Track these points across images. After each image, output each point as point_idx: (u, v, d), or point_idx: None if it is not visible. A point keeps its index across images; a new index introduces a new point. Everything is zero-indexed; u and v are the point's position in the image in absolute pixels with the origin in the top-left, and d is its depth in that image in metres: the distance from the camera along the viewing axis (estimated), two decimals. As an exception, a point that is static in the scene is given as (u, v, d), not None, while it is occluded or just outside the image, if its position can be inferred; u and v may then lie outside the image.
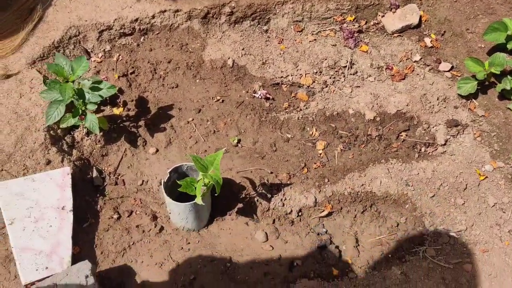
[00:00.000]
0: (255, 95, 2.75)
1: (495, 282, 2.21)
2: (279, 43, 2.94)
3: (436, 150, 2.61)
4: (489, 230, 2.37)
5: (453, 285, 2.20)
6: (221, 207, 2.43)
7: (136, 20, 2.81)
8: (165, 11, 2.85)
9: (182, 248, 2.30)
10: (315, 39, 2.95)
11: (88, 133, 2.49)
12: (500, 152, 2.58)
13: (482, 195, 2.46)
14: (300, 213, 2.44)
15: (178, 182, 2.02)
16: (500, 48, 2.70)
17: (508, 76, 2.61)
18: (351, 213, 2.47)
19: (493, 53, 2.63)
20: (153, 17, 2.84)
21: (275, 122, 2.69)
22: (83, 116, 2.35)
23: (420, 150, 2.61)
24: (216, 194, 2.07)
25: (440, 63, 2.86)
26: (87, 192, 2.38)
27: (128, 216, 2.36)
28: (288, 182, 2.49)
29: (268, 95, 2.75)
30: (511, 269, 2.25)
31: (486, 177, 2.51)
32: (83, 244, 2.22)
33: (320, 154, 2.61)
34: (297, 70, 2.85)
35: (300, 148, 2.63)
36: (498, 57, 2.56)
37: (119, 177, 2.48)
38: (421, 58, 2.88)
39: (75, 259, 2.12)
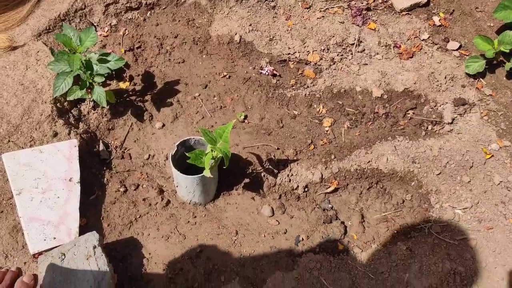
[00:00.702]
0: (262, 71, 2.74)
1: (499, 258, 2.23)
2: (286, 20, 2.92)
3: (443, 128, 2.60)
4: (494, 208, 2.38)
5: (457, 260, 2.22)
6: (228, 182, 2.43)
7: (144, -6, 2.79)
8: (172, -15, 2.82)
9: (188, 221, 2.31)
10: (323, 16, 2.93)
11: (95, 106, 2.48)
12: (507, 131, 2.58)
13: (488, 173, 2.47)
14: (306, 189, 2.44)
15: (187, 154, 2.02)
16: (509, 26, 2.68)
17: (517, 55, 2.60)
18: (357, 189, 2.47)
19: (502, 32, 2.61)
20: (160, -9, 2.81)
21: (282, 98, 2.69)
22: (90, 89, 2.34)
23: (427, 128, 2.61)
24: (224, 167, 2.07)
25: (448, 42, 2.84)
26: (94, 165, 2.38)
27: (135, 190, 2.37)
28: (295, 158, 2.49)
29: (275, 72, 2.74)
30: (515, 246, 2.27)
31: (492, 155, 2.51)
32: (90, 216, 2.23)
33: (327, 131, 2.61)
34: (305, 47, 2.83)
35: (307, 125, 2.63)
36: (508, 35, 2.54)
37: (125, 151, 2.48)
38: (429, 37, 2.86)
39: (82, 230, 2.13)
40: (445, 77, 2.70)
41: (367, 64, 2.77)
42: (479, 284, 2.16)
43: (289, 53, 2.81)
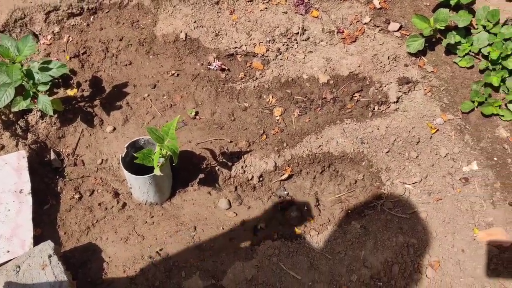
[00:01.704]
0: (210, 67, 2.76)
1: (449, 226, 2.32)
2: (230, 14, 2.95)
3: (389, 107, 2.68)
4: (442, 180, 2.47)
5: (410, 233, 2.30)
6: (183, 179, 2.45)
7: (83, -1, 2.77)
8: (112, -12, 2.81)
9: (146, 222, 2.32)
10: (266, 8, 2.97)
11: (43, 116, 2.46)
12: (450, 105, 2.68)
13: (434, 147, 2.56)
14: (261, 178, 2.49)
15: (135, 154, 2.03)
16: (444, 4, 2.77)
17: (453, 31, 2.70)
18: (311, 174, 2.53)
19: (437, 10, 2.70)
20: (101, -5, 2.79)
21: (231, 92, 2.72)
22: (35, 99, 2.32)
23: (374, 108, 2.69)
24: (173, 164, 2.09)
25: (389, 23, 2.92)
26: (46, 175, 2.36)
27: (90, 195, 2.37)
28: (248, 150, 2.53)
29: (223, 66, 2.77)
30: (462, 214, 2.36)
31: (438, 129, 2.60)
32: (45, 226, 2.22)
33: (278, 120, 2.66)
34: (251, 39, 2.86)
35: (258, 116, 2.67)
36: (442, 13, 2.63)
37: (78, 157, 2.47)
38: (370, 20, 2.93)
39: (38, 241, 2.11)
40: (388, 58, 2.78)
41: (312, 51, 2.83)
42: (431, 253, 2.25)
43: (236, 47, 2.84)
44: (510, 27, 2.60)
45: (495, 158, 2.52)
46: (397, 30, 2.90)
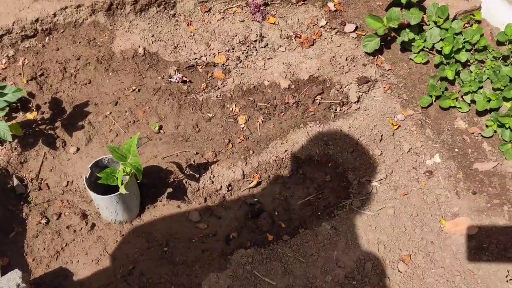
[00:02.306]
0: (171, 79, 2.75)
1: (417, 220, 2.38)
2: (188, 26, 2.95)
3: (350, 108, 2.73)
4: (407, 174, 2.53)
5: (379, 230, 2.34)
6: (151, 194, 2.44)
7: (37, 20, 2.72)
8: (66, 7, 2.77)
9: (116, 241, 2.29)
10: (223, 17, 2.98)
11: (1, 142, 2.41)
12: (409, 101, 2.75)
13: (397, 143, 2.61)
14: (230, 188, 2.49)
15: (98, 175, 2.01)
16: (395, 3, 2.84)
17: (406, 29, 2.77)
18: (279, 179, 2.55)
19: (389, 9, 2.77)
20: (55, 15, 2.75)
21: (194, 103, 2.72)
22: (-8, 125, 2.27)
23: (336, 110, 2.73)
24: (138, 181, 2.07)
25: (345, 25, 2.98)
26: (10, 202, 2.31)
27: (57, 219, 2.32)
28: (215, 160, 2.53)
29: (184, 78, 2.77)
30: (429, 206, 2.42)
31: (399, 126, 2.66)
32: (12, 255, 2.17)
33: (243, 128, 2.67)
34: (210, 50, 2.87)
35: (222, 125, 2.67)
36: (394, 12, 2.70)
37: (42, 181, 2.43)
38: (327, 23, 2.98)
39: (6, 270, 2.06)
40: (346, 59, 2.83)
41: (271, 58, 2.86)
42: (402, 248, 2.29)
43: (195, 58, 2.84)
44: (460, 22, 2.69)
45: (456, 149, 2.59)
46: (353, 31, 2.95)
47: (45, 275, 2.17)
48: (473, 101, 2.63)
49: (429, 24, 2.77)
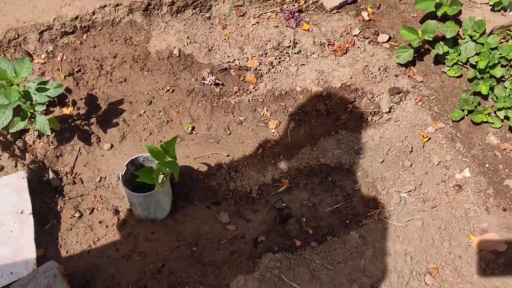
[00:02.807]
0: (205, 82, 2.79)
1: (445, 233, 2.38)
2: (223, 29, 2.99)
3: (381, 117, 2.74)
4: (436, 187, 2.53)
5: (407, 241, 2.35)
6: (182, 194, 2.48)
7: (77, 17, 2.78)
8: (105, 6, 2.83)
9: (147, 238, 2.33)
10: (257, 22, 3.01)
11: (40, 135, 2.47)
12: (440, 114, 2.75)
13: (427, 155, 2.62)
14: (259, 192, 2.52)
15: (136, 173, 2.05)
16: (431, 16, 2.85)
17: (440, 42, 2.77)
18: (308, 185, 2.57)
19: (425, 21, 2.78)
20: (94, 13, 2.81)
21: (226, 106, 2.75)
22: (32, 119, 2.33)
23: (367, 119, 2.74)
24: (175, 181, 2.11)
25: (378, 35, 2.99)
26: (46, 195, 2.37)
27: (90, 214, 2.37)
28: (246, 163, 2.56)
29: (217, 81, 2.80)
30: (457, 220, 2.42)
31: (429, 138, 2.66)
32: (47, 246, 2.22)
33: (273, 133, 2.70)
34: (243, 54, 2.90)
35: (253, 129, 2.71)
36: (430, 25, 2.71)
37: (76, 176, 2.48)
38: (360, 32, 3.00)
39: (41, 261, 2.12)
40: (379, 69, 2.84)
41: (304, 64, 2.88)
42: (429, 260, 2.30)
43: (229, 61, 2.88)
44: (496, 37, 2.68)
45: (487, 165, 2.59)
46: (386, 41, 2.97)
47: (77, 268, 2.22)
48: (506, 117, 2.62)
49: (464, 38, 2.77)
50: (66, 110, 2.61)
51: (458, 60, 2.76)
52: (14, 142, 2.41)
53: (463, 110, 2.68)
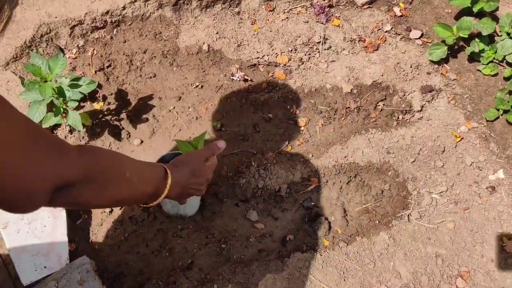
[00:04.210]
0: (233, 78, 2.78)
1: (477, 236, 2.33)
2: (252, 24, 2.96)
3: (413, 116, 2.69)
4: (468, 189, 2.48)
5: (438, 243, 2.31)
6: (211, 191, 2.48)
7: (107, 12, 2.79)
8: (135, 1, 2.83)
9: (176, 234, 2.35)
10: (287, 17, 2.98)
11: (71, 130, 2.50)
12: (473, 113, 2.69)
13: (459, 155, 2.57)
14: (288, 190, 2.51)
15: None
16: (466, 12, 2.77)
17: (476, 39, 2.70)
18: (337, 185, 2.55)
19: (460, 18, 2.70)
20: (124, 8, 2.81)
21: (255, 103, 2.74)
22: (64, 114, 2.36)
23: (398, 117, 2.70)
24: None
25: (410, 31, 2.93)
26: (77, 189, 2.40)
27: (120, 209, 2.40)
28: (274, 161, 2.55)
29: (246, 77, 2.79)
30: (490, 223, 2.37)
31: (462, 138, 2.61)
32: (79, 241, 2.26)
33: (302, 130, 2.67)
34: (272, 49, 2.88)
35: (282, 126, 2.69)
36: (465, 21, 2.63)
37: (106, 171, 2.50)
38: (392, 28, 2.94)
39: (73, 256, 2.16)
40: (411, 66, 2.79)
41: (334, 60, 2.84)
42: (461, 263, 2.26)
43: (258, 57, 2.85)
44: (535, 35, 2.61)
45: (522, 167, 2.53)
46: (419, 38, 2.90)
47: (108, 262, 2.25)
48: (543, 118, 2.55)
49: (501, 35, 2.69)
50: (97, 105, 2.63)
51: (494, 58, 2.68)
52: (46, 137, 2.44)
53: (498, 110, 2.62)
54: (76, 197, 1.03)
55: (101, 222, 2.34)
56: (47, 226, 2.15)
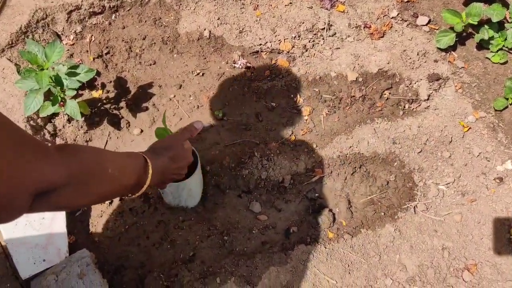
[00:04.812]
0: (235, 65, 2.71)
1: (484, 229, 2.29)
2: (254, 10, 2.88)
3: (419, 105, 2.63)
4: (476, 180, 2.43)
5: (445, 236, 2.27)
6: (213, 182, 2.43)
7: (105, -3, 2.71)
8: (134, -15, 2.74)
9: (178, 226, 2.30)
10: (290, 3, 2.89)
11: (70, 119, 2.44)
12: (482, 102, 2.62)
13: (467, 146, 2.51)
14: (291, 181, 2.45)
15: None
16: (476, -3, 2.69)
17: (485, 26, 2.62)
18: (341, 175, 2.49)
19: (469, 3, 2.62)
20: (122, -8, 2.73)
21: (258, 91, 2.67)
22: (62, 103, 2.29)
23: (404, 107, 2.63)
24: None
25: (417, 17, 2.84)
26: (76, 180, 2.34)
27: (120, 200, 2.35)
28: (278, 151, 2.49)
29: (248, 64, 2.71)
30: (498, 214, 2.32)
31: (470, 128, 2.55)
32: (78, 233, 2.21)
33: (306, 120, 2.61)
34: (275, 36, 2.80)
35: (285, 115, 2.62)
36: (475, 7, 2.55)
37: (106, 161, 2.44)
38: (398, 14, 2.86)
39: (72, 248, 2.11)
40: (418, 54, 2.71)
41: (339, 48, 2.76)
42: (468, 256, 2.22)
43: (260, 44, 2.78)
44: (546, 22, 2.53)
45: (530, 157, 2.47)
46: (426, 24, 2.82)
47: (108, 255, 2.21)
48: (553, 108, 2.49)
49: (511, 22, 2.61)
50: (95, 93, 2.57)
51: (503, 46, 2.61)
52: (44, 127, 2.38)
53: (507, 99, 2.55)
54: (57, 201, 0.99)
55: (101, 214, 2.29)
56: (45, 218, 2.10)
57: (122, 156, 1.30)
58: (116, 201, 2.33)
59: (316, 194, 2.44)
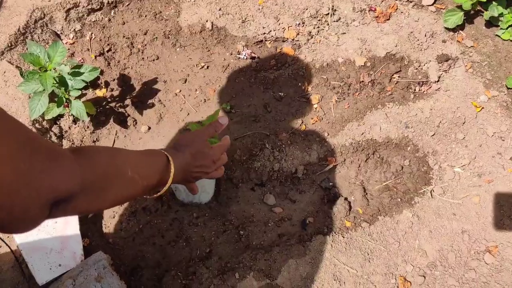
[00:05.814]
0: (240, 56, 2.65)
1: (504, 209, 2.25)
2: (256, -2, 2.82)
3: (430, 88, 2.58)
4: (492, 160, 2.39)
5: (464, 219, 2.24)
6: (225, 176, 2.39)
7: (103, -7, 2.64)
8: (131, -21, 2.68)
9: (192, 223, 2.27)
10: (292, -11, 2.83)
11: (75, 120, 2.39)
12: (493, 81, 2.57)
13: (480, 126, 2.47)
14: (304, 171, 2.41)
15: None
16: (483, -26, 2.63)
17: (494, 3, 2.56)
18: (355, 163, 2.45)
19: (476, -19, 2.56)
20: (120, -13, 2.67)
21: (265, 81, 2.62)
22: (67, 104, 2.24)
23: (415, 90, 2.59)
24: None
25: (422, -3, 2.79)
26: (86, 182, 2.30)
27: (132, 200, 2.31)
28: (289, 142, 2.45)
29: (253, 54, 2.66)
30: (517, 195, 2.29)
31: (483, 108, 2.50)
32: (92, 235, 2.17)
33: (316, 108, 2.56)
34: (279, 24, 2.74)
35: (294, 105, 2.58)
36: (483, -16, 2.50)
37: (115, 161, 2.40)
38: (403, -5, 2.80)
39: (87, 251, 2.08)
40: (425, 35, 2.66)
41: (345, 33, 2.71)
42: (488, 238, 2.19)
43: (264, 33, 2.72)
44: (556, -5, 2.47)
45: (545, 134, 2.43)
46: (432, 4, 2.76)
47: (123, 256, 2.17)
48: None
49: (520, -2, 2.56)
50: (100, 92, 2.51)
51: (513, 22, 2.56)
52: (50, 129, 2.33)
53: (519, 77, 2.51)
54: (75, 207, 0.93)
55: (114, 215, 2.25)
56: (58, 222, 2.06)
57: (141, 155, 1.23)
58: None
59: (330, 183, 2.40)
